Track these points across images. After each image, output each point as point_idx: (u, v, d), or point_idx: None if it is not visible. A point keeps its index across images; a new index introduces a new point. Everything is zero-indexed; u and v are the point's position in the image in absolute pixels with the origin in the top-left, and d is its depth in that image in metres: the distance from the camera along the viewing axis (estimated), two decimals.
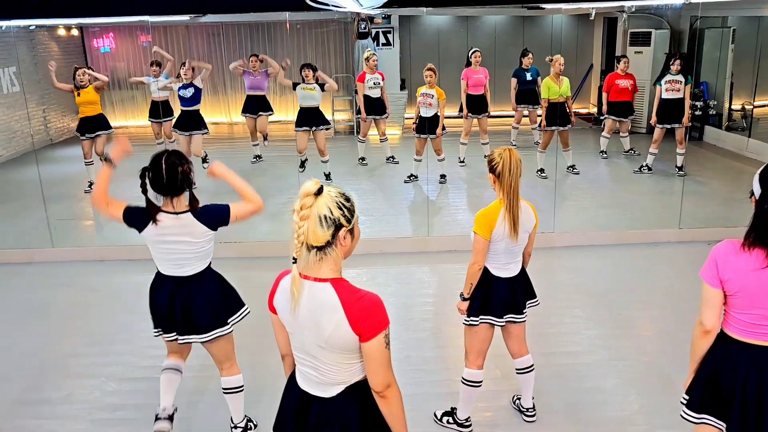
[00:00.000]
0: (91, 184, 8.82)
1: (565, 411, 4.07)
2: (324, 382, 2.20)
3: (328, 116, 11.50)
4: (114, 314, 5.51)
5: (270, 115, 10.07)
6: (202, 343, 3.49)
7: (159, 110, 9.65)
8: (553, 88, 8.48)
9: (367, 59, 9.31)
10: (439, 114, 8.38)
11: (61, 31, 11.95)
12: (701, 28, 10.88)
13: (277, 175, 9.37)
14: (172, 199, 3.27)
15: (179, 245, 3.33)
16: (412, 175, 8.78)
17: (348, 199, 2.15)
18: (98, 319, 5.46)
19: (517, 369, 3.88)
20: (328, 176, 8.91)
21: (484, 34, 12.63)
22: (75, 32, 12.37)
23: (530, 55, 9.69)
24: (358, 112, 9.58)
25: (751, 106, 10.02)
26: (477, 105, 9.26)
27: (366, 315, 2.08)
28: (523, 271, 3.68)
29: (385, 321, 2.11)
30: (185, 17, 10.13)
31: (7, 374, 4.62)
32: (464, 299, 3.61)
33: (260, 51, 11.95)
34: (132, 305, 5.59)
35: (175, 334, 3.46)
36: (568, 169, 8.83)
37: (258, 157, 10.04)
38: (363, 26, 11.51)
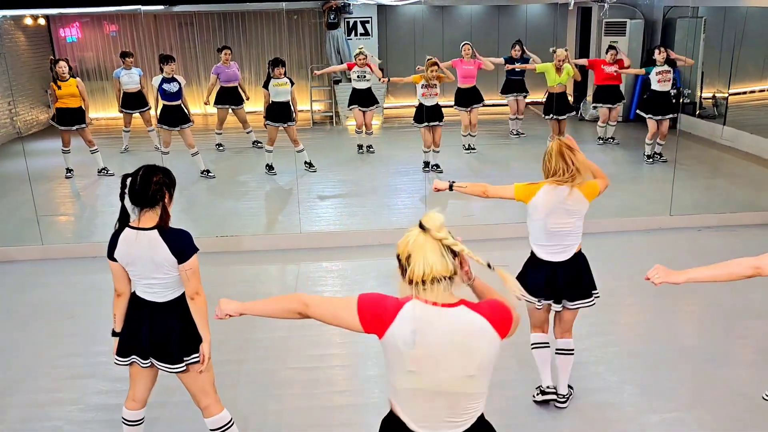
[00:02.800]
0: (68, 170, 8.96)
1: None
2: (457, 424, 2.11)
3: (306, 106, 11.43)
4: (103, 312, 5.38)
5: (242, 107, 10.05)
6: (176, 373, 3.26)
7: (131, 101, 9.70)
8: (551, 74, 8.61)
9: (356, 56, 9.39)
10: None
11: (28, 21, 11.57)
12: (673, 18, 11.06)
13: (251, 165, 9.45)
14: (141, 212, 3.09)
15: (140, 265, 3.09)
16: (427, 163, 8.74)
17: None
18: (88, 317, 5.33)
19: (556, 350, 3.98)
20: (309, 164, 8.85)
21: (460, 23, 12.63)
22: (42, 21, 11.98)
23: (517, 47, 9.78)
24: (349, 104, 9.55)
25: (726, 95, 10.23)
26: (466, 97, 9.27)
27: (501, 315, 2.10)
28: (573, 259, 3.77)
29: (510, 310, 2.14)
30: (159, 6, 9.93)
31: None
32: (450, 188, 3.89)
33: (232, 41, 11.77)
34: None
35: (150, 360, 3.23)
36: None
37: (219, 145, 10.15)
38: (332, 17, 11.43)
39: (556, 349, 3.99)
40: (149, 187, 3.07)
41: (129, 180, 3.12)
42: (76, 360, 4.68)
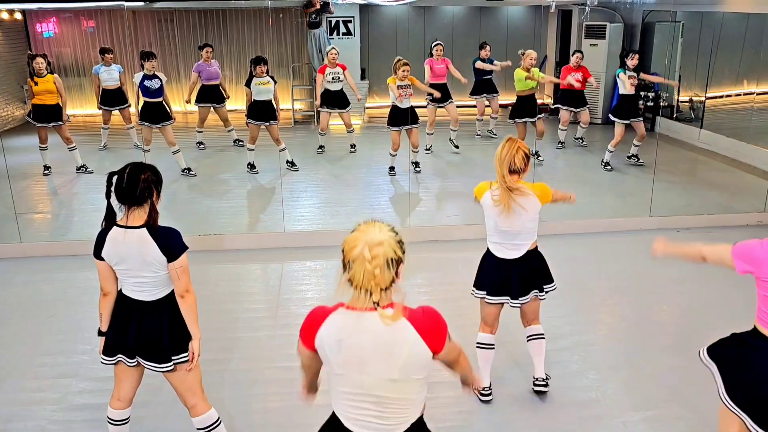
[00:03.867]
0: (46, 168, 8.83)
1: (532, 396, 4.15)
2: (387, 427, 2.17)
3: (287, 105, 11.39)
4: (85, 311, 5.32)
5: (224, 105, 9.99)
6: (163, 372, 3.23)
7: (111, 98, 9.59)
8: (524, 80, 8.66)
9: (327, 53, 9.32)
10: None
11: (4, 15, 11.36)
12: (652, 22, 11.23)
13: (232, 163, 9.42)
14: (129, 210, 3.06)
15: (129, 264, 3.06)
16: (392, 167, 8.76)
17: (397, 233, 2.17)
18: (69, 316, 5.26)
19: (527, 337, 4.07)
20: (292, 163, 8.83)
21: (442, 24, 12.67)
22: (18, 16, 11.78)
23: (488, 48, 9.86)
24: (321, 104, 9.52)
25: (703, 98, 10.40)
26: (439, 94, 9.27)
27: (432, 326, 2.13)
28: (526, 256, 3.82)
29: (445, 324, 2.18)
30: (140, 2, 9.84)
31: None
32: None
33: (213, 39, 11.70)
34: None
35: (137, 359, 3.20)
36: (536, 156, 8.96)
37: (200, 143, 10.09)
38: (314, 16, 11.40)
39: (527, 336, 4.08)
40: (137, 185, 3.04)
41: (115, 178, 3.09)
42: (58, 359, 4.62)
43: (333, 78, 9.31)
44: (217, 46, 11.41)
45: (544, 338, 4.06)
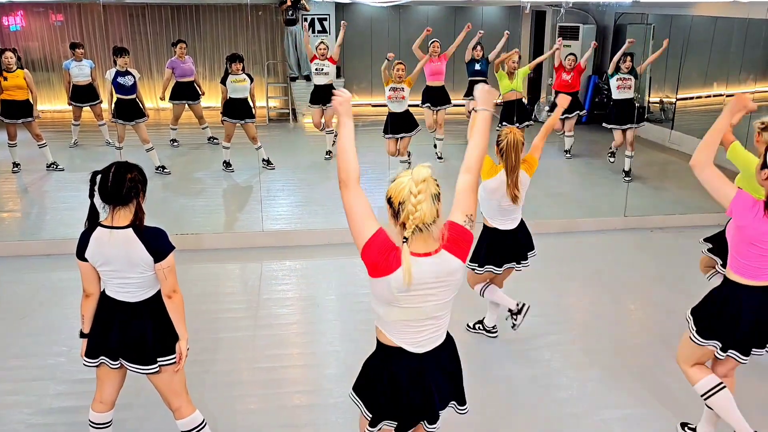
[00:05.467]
0: (15, 165, 8.63)
1: (510, 394, 4.20)
2: (441, 333, 2.63)
3: (262, 103, 11.29)
4: (59, 312, 5.22)
5: (199, 102, 9.86)
6: (148, 374, 3.19)
7: (81, 94, 9.40)
8: (504, 81, 8.62)
9: (317, 46, 9.17)
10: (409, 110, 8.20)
11: None
12: (624, 24, 11.39)
13: (207, 161, 9.33)
14: (114, 210, 3.02)
15: (115, 265, 3.01)
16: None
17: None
18: (42, 317, 5.15)
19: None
20: (268, 162, 8.77)
21: (416, 22, 12.67)
22: None
23: (479, 48, 9.79)
24: (310, 101, 9.36)
25: (674, 100, 10.59)
26: (436, 96, 9.10)
27: (464, 244, 2.53)
28: (522, 224, 4.49)
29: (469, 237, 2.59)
30: None
31: None
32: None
33: (186, 35, 11.53)
34: (71, 302, 5.28)
35: (120, 361, 3.16)
36: None
37: (174, 140, 9.98)
38: (290, 13, 11.33)
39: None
40: (123, 185, 2.99)
41: (99, 177, 3.04)
42: (33, 361, 4.52)
43: (317, 69, 9.13)
44: (191, 43, 11.24)
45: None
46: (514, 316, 4.65)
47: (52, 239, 6.43)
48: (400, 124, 8.21)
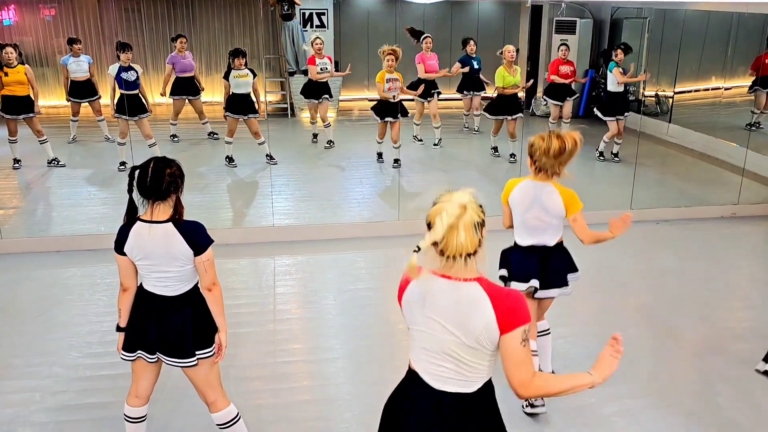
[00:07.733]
0: (16, 161, 8.55)
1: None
2: (463, 383, 2.29)
3: (261, 97, 11.26)
4: (76, 309, 5.21)
5: (199, 97, 9.84)
6: (186, 368, 3.20)
7: (80, 90, 9.37)
8: (507, 78, 8.68)
9: (313, 42, 9.23)
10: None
11: None
12: (620, 18, 11.49)
13: (208, 157, 9.30)
14: (153, 205, 3.04)
15: (154, 259, 3.04)
16: (380, 153, 8.86)
17: (475, 197, 2.23)
18: (63, 313, 5.14)
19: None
20: (270, 157, 8.76)
21: (413, 17, 12.68)
22: None
23: (472, 43, 9.85)
24: (304, 94, 9.45)
25: (671, 93, 10.71)
26: (428, 88, 9.36)
27: (510, 308, 2.17)
28: (551, 249, 3.93)
29: (527, 317, 2.18)
30: None
31: None
32: None
33: (182, 30, 11.46)
34: (87, 298, 5.32)
35: (157, 355, 3.17)
36: (511, 157, 9.08)
37: (174, 136, 9.93)
38: (286, 7, 11.31)
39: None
40: (162, 180, 3.01)
41: (137, 172, 3.05)
42: (53, 359, 4.51)
43: (322, 69, 9.30)
44: (187, 37, 11.19)
45: (549, 333, 4.12)
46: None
47: (62, 236, 6.41)
48: (392, 110, 8.46)
